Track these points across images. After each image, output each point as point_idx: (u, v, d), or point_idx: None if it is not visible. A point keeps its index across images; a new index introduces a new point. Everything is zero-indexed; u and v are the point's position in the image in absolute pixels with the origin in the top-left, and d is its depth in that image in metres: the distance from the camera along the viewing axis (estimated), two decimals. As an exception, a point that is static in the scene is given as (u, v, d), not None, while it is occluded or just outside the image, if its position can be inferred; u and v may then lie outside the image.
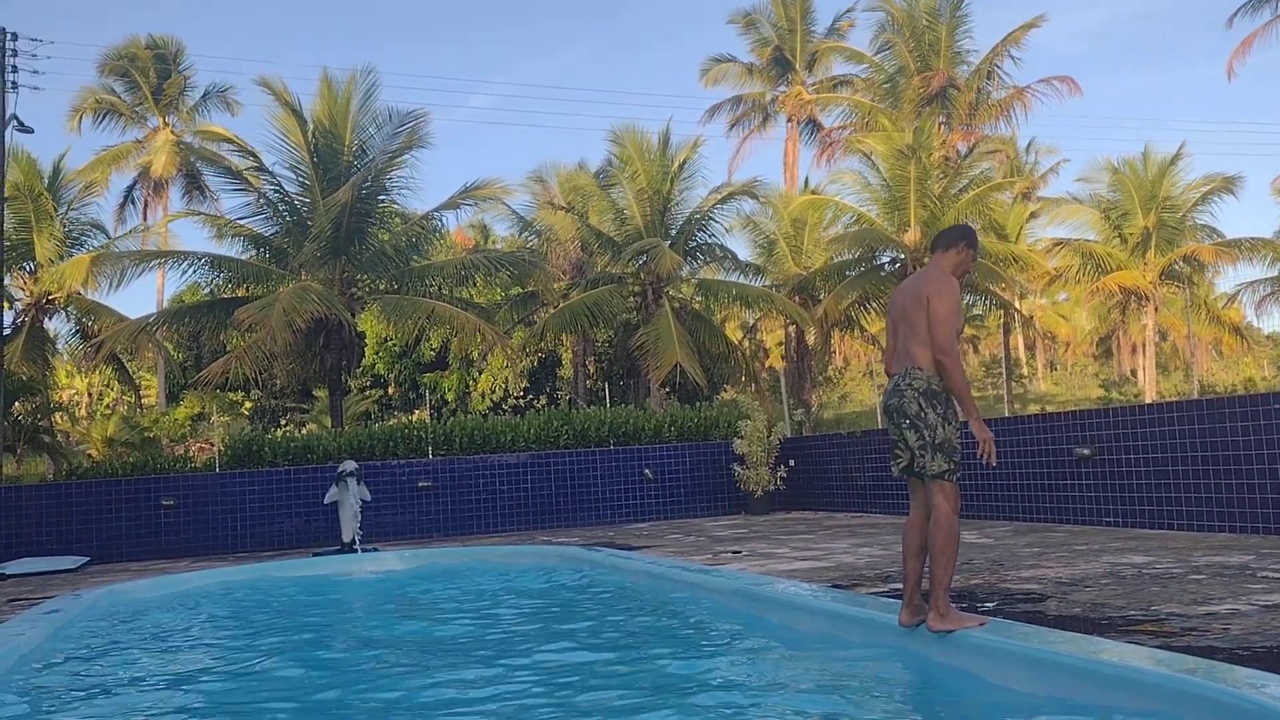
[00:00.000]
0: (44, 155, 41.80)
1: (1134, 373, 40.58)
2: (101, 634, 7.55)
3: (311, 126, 20.02)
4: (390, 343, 30.83)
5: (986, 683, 4.47)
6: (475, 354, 27.46)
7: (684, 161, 24.23)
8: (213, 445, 21.38)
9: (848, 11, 40.56)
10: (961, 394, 4.74)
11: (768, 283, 27.87)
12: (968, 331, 38.89)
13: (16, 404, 22.13)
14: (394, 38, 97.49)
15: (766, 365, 33.79)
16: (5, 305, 18.72)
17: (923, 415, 4.75)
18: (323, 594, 9.80)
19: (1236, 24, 31.20)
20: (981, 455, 4.70)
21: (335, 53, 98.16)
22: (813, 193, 30.57)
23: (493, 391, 29.75)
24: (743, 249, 29.10)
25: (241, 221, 20.53)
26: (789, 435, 17.17)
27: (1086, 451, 10.54)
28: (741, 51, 42.17)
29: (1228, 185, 30.19)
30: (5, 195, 18.07)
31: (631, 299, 24.60)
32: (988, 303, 28.01)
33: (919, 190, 24.19)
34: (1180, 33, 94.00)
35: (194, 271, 20.40)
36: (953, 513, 4.71)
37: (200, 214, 24.94)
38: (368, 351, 30.60)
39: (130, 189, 36.82)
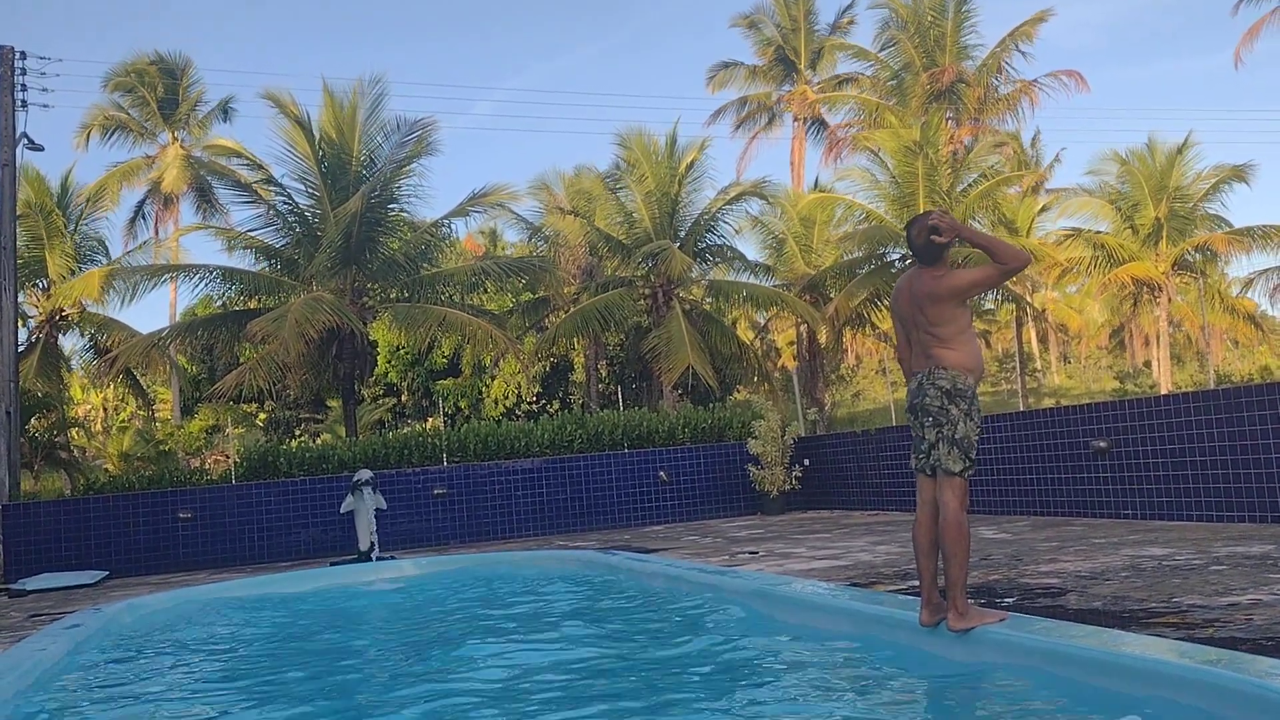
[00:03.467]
0: (53, 172, 41.83)
1: (1148, 364, 40.42)
2: (122, 648, 7.58)
3: (319, 137, 20.06)
4: (403, 351, 30.88)
5: (1008, 678, 4.45)
6: (488, 360, 27.49)
7: (691, 163, 24.21)
8: (228, 457, 21.44)
9: (849, 8, 40.52)
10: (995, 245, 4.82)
11: (778, 282, 27.81)
12: (980, 326, 38.73)
13: (32, 420, 22.26)
14: (399, 43, 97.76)
15: (779, 365, 33.70)
16: (19, 322, 18.80)
17: (945, 411, 4.76)
18: (341, 603, 9.82)
19: (1242, 11, 31.09)
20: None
21: (341, 60, 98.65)
22: (821, 191, 30.49)
23: (506, 397, 29.77)
24: (752, 249, 29.07)
25: (252, 234, 20.60)
26: (803, 434, 17.13)
27: (1103, 444, 10.49)
28: (745, 54, 42.21)
29: (1238, 173, 29.97)
30: (17, 212, 18.17)
31: (642, 302, 24.59)
32: (999, 297, 27.89)
33: (928, 186, 24.13)
34: (1186, 20, 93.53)
35: (205, 285, 20.49)
36: (961, 510, 4.71)
37: (211, 227, 25.05)
38: (380, 360, 30.65)
39: (141, 204, 36.94)
